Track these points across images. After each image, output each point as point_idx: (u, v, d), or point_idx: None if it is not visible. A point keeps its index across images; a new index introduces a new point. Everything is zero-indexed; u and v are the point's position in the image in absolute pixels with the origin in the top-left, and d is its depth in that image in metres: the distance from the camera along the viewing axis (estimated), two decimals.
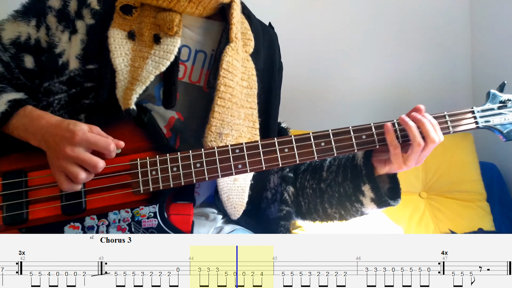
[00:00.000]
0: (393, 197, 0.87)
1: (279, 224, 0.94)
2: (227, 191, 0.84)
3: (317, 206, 0.94)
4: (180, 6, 0.82)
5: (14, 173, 0.75)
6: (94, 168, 0.69)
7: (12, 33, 0.83)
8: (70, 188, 0.71)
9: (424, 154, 0.78)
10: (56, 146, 0.70)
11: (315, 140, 0.78)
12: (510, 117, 0.82)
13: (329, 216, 0.94)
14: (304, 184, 0.95)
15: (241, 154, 0.76)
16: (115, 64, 0.79)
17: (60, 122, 0.72)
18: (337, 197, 0.90)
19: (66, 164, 0.69)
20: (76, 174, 0.69)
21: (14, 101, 0.76)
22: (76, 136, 0.69)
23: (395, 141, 0.78)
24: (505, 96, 0.83)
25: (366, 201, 0.87)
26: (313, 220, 0.98)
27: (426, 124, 0.77)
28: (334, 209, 0.92)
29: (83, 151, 0.69)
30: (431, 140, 0.76)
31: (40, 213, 0.74)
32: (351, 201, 0.88)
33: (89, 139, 0.70)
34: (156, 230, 0.74)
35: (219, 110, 0.82)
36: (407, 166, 0.79)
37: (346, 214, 0.92)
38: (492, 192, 1.63)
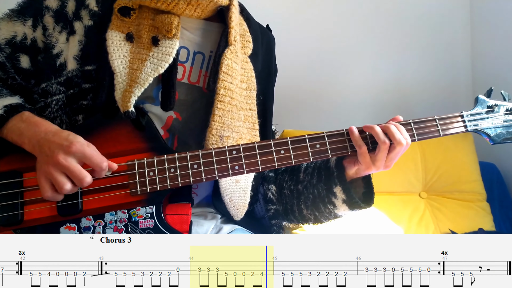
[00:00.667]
0: (367, 201, 0.88)
1: (271, 223, 0.95)
2: (229, 192, 0.85)
3: (293, 207, 0.95)
4: (178, 8, 0.82)
5: (9, 173, 0.75)
6: (81, 181, 0.69)
7: (7, 32, 0.83)
8: (52, 197, 0.70)
9: (391, 157, 0.81)
10: (49, 152, 0.69)
11: (310, 142, 0.80)
12: (497, 121, 0.87)
13: (304, 218, 0.95)
14: (283, 185, 0.97)
15: (238, 156, 0.77)
16: (114, 66, 0.79)
17: (60, 131, 0.72)
18: (312, 199, 0.91)
19: (54, 171, 0.68)
20: (63, 184, 0.68)
21: (10, 106, 0.75)
22: (73, 146, 0.69)
23: (359, 140, 0.80)
24: (492, 101, 0.89)
25: (338, 203, 0.88)
26: (289, 222, 0.99)
27: (391, 127, 0.80)
28: (310, 210, 0.93)
29: (75, 162, 0.69)
30: (397, 142, 0.79)
31: (35, 214, 0.74)
32: (324, 203, 0.90)
33: (85, 152, 0.69)
34: (153, 231, 0.74)
35: (219, 113, 0.82)
36: (376, 167, 0.82)
37: (320, 216, 0.93)
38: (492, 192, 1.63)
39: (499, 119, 0.87)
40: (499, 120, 0.87)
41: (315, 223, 0.97)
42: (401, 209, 1.53)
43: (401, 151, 0.80)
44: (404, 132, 0.81)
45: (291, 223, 1.01)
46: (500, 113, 0.88)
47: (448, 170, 1.60)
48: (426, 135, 0.84)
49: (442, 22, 1.85)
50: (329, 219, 0.94)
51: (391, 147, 0.80)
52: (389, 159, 0.81)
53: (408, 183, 1.59)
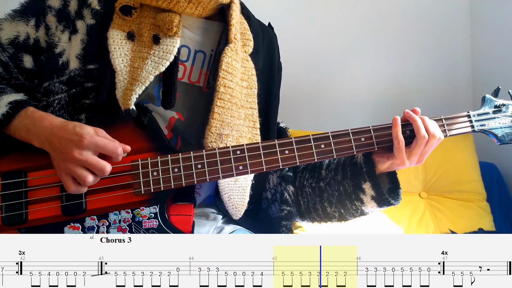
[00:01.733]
0: (394, 197, 0.87)
1: (281, 224, 0.93)
2: (228, 191, 0.84)
3: (316, 205, 0.94)
4: (179, 7, 0.82)
5: (14, 173, 0.75)
6: (101, 171, 0.70)
7: (10, 32, 0.83)
8: (78, 191, 0.71)
9: (426, 150, 0.80)
10: (62, 148, 0.70)
11: (315, 142, 0.79)
12: (504, 121, 0.86)
13: (329, 216, 0.94)
14: (303, 183, 0.95)
15: (242, 156, 0.77)
16: (115, 64, 0.79)
17: (65, 124, 0.72)
18: (337, 196, 0.90)
19: (73, 167, 0.69)
20: (85, 178, 0.69)
21: (15, 102, 0.76)
22: (84, 139, 0.69)
23: (400, 134, 0.80)
24: (499, 101, 0.87)
25: (366, 199, 0.87)
26: (312, 221, 0.98)
27: (426, 120, 0.80)
28: (334, 208, 0.92)
29: (91, 154, 0.70)
30: (431, 134, 0.79)
31: (39, 214, 0.74)
32: (351, 200, 0.88)
33: (98, 143, 0.70)
34: (156, 231, 0.74)
35: (218, 111, 0.82)
36: (410, 161, 0.81)
37: (346, 213, 0.92)
38: (492, 192, 1.63)
39: (506, 119, 0.86)
40: (507, 120, 0.86)
41: (339, 221, 0.95)
42: (401, 209, 1.53)
43: (434, 144, 0.80)
44: (436, 125, 0.81)
45: (313, 222, 0.99)
46: (508, 113, 0.86)
47: (448, 170, 1.60)
48: None
49: (442, 22, 1.85)
50: (355, 216, 0.93)
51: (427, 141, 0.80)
52: (423, 153, 0.81)
53: (408, 183, 1.59)
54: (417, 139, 0.79)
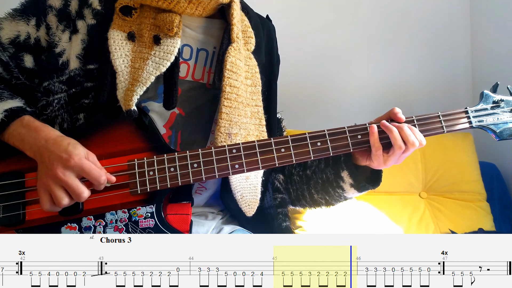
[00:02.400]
0: (375, 180, 0.89)
1: (277, 212, 0.96)
2: (241, 189, 0.85)
3: (304, 192, 0.97)
4: (180, 7, 0.82)
5: (11, 174, 0.75)
6: (78, 196, 0.69)
7: (11, 32, 0.82)
8: (50, 209, 0.71)
9: (404, 156, 0.81)
10: (49, 163, 0.69)
11: (311, 140, 0.79)
12: (503, 117, 0.85)
13: (316, 202, 0.97)
14: (292, 171, 0.98)
15: (238, 154, 0.77)
16: (115, 65, 0.79)
17: (61, 139, 0.72)
18: (321, 183, 0.93)
19: (53, 185, 0.69)
20: (60, 199, 0.69)
21: (10, 110, 0.75)
22: (72, 159, 0.69)
23: (378, 143, 0.80)
24: (497, 96, 0.86)
25: (346, 187, 0.90)
26: (302, 207, 1.01)
27: (404, 129, 0.79)
28: (320, 195, 0.95)
29: (73, 176, 0.69)
30: (411, 144, 0.79)
31: (37, 214, 0.74)
32: (333, 187, 0.91)
33: (83, 166, 0.69)
34: (153, 230, 0.74)
35: (226, 110, 0.82)
36: (386, 166, 0.82)
37: (331, 199, 0.95)
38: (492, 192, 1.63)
39: (505, 115, 0.85)
40: (505, 116, 0.85)
41: (327, 206, 0.98)
42: (401, 209, 1.53)
43: (412, 150, 0.80)
44: (418, 133, 0.80)
45: (303, 208, 1.03)
46: (506, 109, 0.85)
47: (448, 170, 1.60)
48: (429, 131, 0.82)
49: (442, 22, 1.85)
50: (340, 201, 0.95)
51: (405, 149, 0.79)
52: (401, 158, 0.81)
53: (408, 183, 1.59)
54: (394, 149, 0.79)
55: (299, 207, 1.03)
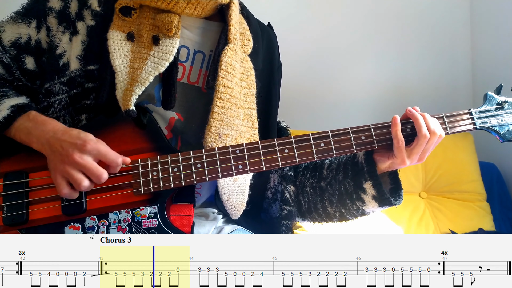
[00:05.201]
0: (396, 197, 0.87)
1: (281, 224, 0.93)
2: (227, 191, 0.84)
3: (317, 204, 0.93)
4: (178, 7, 0.82)
5: (15, 173, 0.75)
6: (98, 178, 0.70)
7: (12, 34, 0.83)
8: (70, 195, 0.71)
9: (427, 148, 0.80)
10: (63, 151, 0.70)
11: (315, 141, 0.79)
12: (507, 118, 0.84)
13: (329, 215, 0.94)
14: (304, 182, 0.95)
15: (241, 155, 0.77)
16: (115, 65, 0.80)
17: (69, 129, 0.73)
18: (338, 195, 0.90)
19: (71, 170, 0.69)
20: (80, 181, 0.69)
21: (17, 106, 0.76)
22: (88, 144, 0.70)
23: (400, 134, 0.79)
24: (501, 98, 0.85)
25: (367, 199, 0.87)
26: (313, 220, 0.98)
27: (428, 118, 0.79)
28: (335, 207, 0.92)
29: (91, 159, 0.70)
30: (433, 132, 0.78)
31: (40, 214, 0.75)
32: (352, 199, 0.88)
33: (100, 149, 0.71)
34: (156, 231, 0.74)
35: (218, 110, 0.82)
36: (411, 160, 0.80)
37: (347, 213, 0.91)
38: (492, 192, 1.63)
39: (509, 116, 0.84)
40: (509, 118, 0.84)
41: (340, 221, 0.95)
42: (401, 209, 1.52)
43: (435, 142, 0.79)
44: (437, 122, 0.80)
45: (313, 222, 0.99)
46: (510, 110, 0.84)
47: (448, 170, 1.60)
48: None
49: (442, 22, 1.85)
50: (356, 216, 0.92)
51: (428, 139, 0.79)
52: (424, 151, 0.80)
53: (408, 183, 1.59)
54: (419, 138, 0.78)
55: (308, 221, 0.99)
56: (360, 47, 1.84)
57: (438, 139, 0.80)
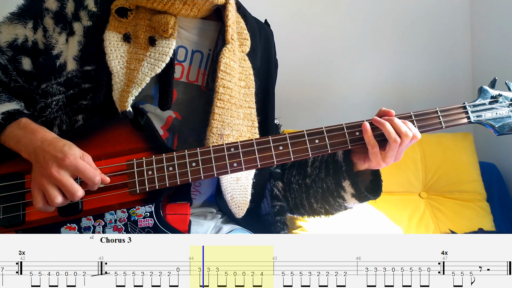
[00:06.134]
0: (375, 190, 0.88)
1: (275, 220, 0.95)
2: (231, 190, 0.85)
3: (303, 201, 0.95)
4: (174, 8, 0.82)
5: (11, 175, 0.75)
6: (72, 196, 0.69)
7: (8, 35, 0.83)
8: (44, 209, 0.71)
9: (401, 150, 0.80)
10: (43, 162, 0.69)
11: (309, 137, 0.79)
12: (501, 111, 0.84)
13: (315, 211, 0.96)
14: (291, 179, 0.97)
15: (236, 153, 0.77)
16: (111, 66, 0.80)
17: (56, 140, 0.72)
18: (321, 192, 0.92)
19: (47, 183, 0.69)
20: (54, 198, 0.69)
21: (8, 113, 0.76)
22: (67, 159, 0.69)
23: (372, 140, 0.79)
24: (496, 91, 0.85)
25: (347, 196, 0.88)
26: (301, 215, 1.00)
27: (395, 121, 0.79)
28: (320, 204, 0.93)
29: (67, 176, 0.69)
30: (404, 134, 0.78)
31: (36, 215, 0.75)
32: (334, 196, 0.90)
33: (78, 166, 0.69)
34: (152, 230, 0.75)
35: (219, 111, 0.82)
36: (386, 163, 0.81)
37: (331, 209, 0.93)
38: (492, 192, 1.63)
39: (503, 110, 0.84)
40: (504, 111, 0.84)
41: (326, 215, 0.97)
42: (401, 209, 1.53)
43: (408, 143, 0.79)
44: (410, 125, 0.79)
45: (302, 216, 1.01)
46: (504, 103, 0.84)
47: (448, 170, 1.60)
48: (427, 127, 0.81)
49: (442, 22, 1.85)
50: (340, 211, 0.94)
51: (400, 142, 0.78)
52: (399, 153, 0.80)
53: (408, 183, 1.59)
54: (390, 144, 0.78)
55: (297, 215, 1.01)
56: (360, 47, 1.84)
57: (413, 140, 0.79)
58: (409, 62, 1.86)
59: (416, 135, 0.79)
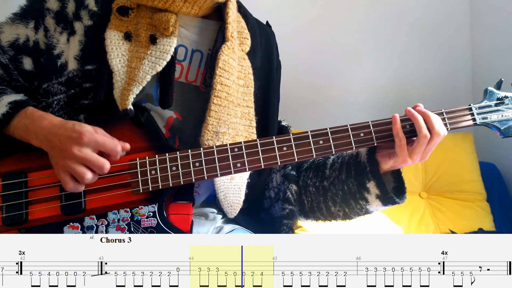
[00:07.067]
0: (399, 196, 0.87)
1: (282, 223, 0.93)
2: (224, 189, 0.85)
3: (320, 204, 0.93)
4: (175, 6, 0.82)
5: (14, 173, 0.76)
6: (100, 169, 0.70)
7: (10, 35, 0.83)
8: (75, 188, 0.71)
9: (429, 148, 0.79)
10: (61, 145, 0.70)
11: (314, 138, 0.79)
12: (508, 113, 0.83)
13: (333, 215, 0.94)
14: (307, 182, 0.95)
15: (240, 153, 0.77)
16: (112, 65, 0.80)
17: (64, 122, 0.73)
18: (341, 195, 0.90)
19: (72, 164, 0.69)
20: (83, 174, 0.69)
21: (15, 102, 0.76)
22: (84, 136, 0.69)
23: (401, 132, 0.78)
24: (502, 93, 0.84)
25: (371, 198, 0.86)
26: (316, 219, 0.98)
27: (431, 117, 0.78)
28: (338, 207, 0.91)
29: (90, 151, 0.70)
30: (436, 132, 0.77)
31: (39, 214, 0.75)
32: (356, 199, 0.88)
33: (97, 140, 0.70)
34: (155, 230, 0.74)
35: (215, 108, 0.82)
36: (412, 160, 0.80)
37: (350, 212, 0.91)
38: (492, 192, 1.63)
39: (509, 112, 0.83)
40: (510, 113, 0.83)
41: (344, 219, 0.94)
42: (401, 209, 1.52)
43: (437, 142, 0.78)
44: (440, 121, 0.78)
45: (317, 221, 0.98)
46: (510, 105, 0.83)
47: (448, 170, 1.60)
48: None
49: (442, 22, 1.85)
50: (360, 215, 0.92)
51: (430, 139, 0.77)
52: (427, 151, 0.79)
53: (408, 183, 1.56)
54: (419, 138, 0.77)
55: (312, 220, 0.98)
56: (360, 47, 1.84)
57: (441, 138, 0.78)
58: (409, 62, 1.86)
59: (445, 133, 0.78)
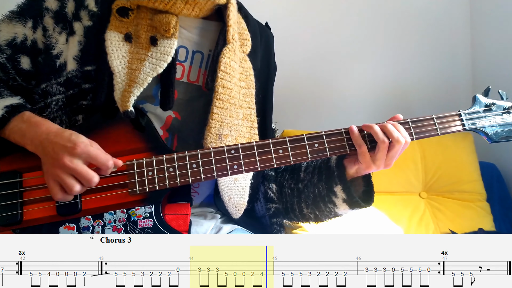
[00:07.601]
0: (366, 200, 0.88)
1: (271, 222, 0.95)
2: (228, 191, 0.85)
3: (294, 205, 0.95)
4: (176, 8, 0.82)
5: (9, 173, 0.75)
6: (89, 182, 0.69)
7: (8, 34, 0.83)
8: (63, 199, 0.71)
9: (391, 155, 0.80)
10: (54, 154, 0.69)
11: (309, 141, 0.80)
12: (495, 120, 0.87)
13: (305, 216, 0.95)
14: (283, 183, 0.97)
15: (236, 155, 0.77)
16: (113, 66, 0.80)
17: (62, 131, 0.72)
18: (312, 198, 0.91)
19: (62, 174, 0.69)
20: (72, 186, 0.69)
21: (11, 106, 0.76)
22: (78, 147, 0.69)
23: (359, 140, 0.80)
24: (489, 100, 0.89)
25: (338, 202, 0.88)
26: (290, 220, 1.00)
27: (388, 126, 0.79)
28: (310, 209, 0.93)
29: (81, 163, 0.69)
30: (395, 140, 0.78)
31: (35, 214, 0.75)
32: (325, 202, 0.90)
33: (90, 153, 0.70)
34: (152, 230, 0.75)
35: (217, 111, 0.82)
36: (376, 166, 0.81)
37: (321, 215, 0.93)
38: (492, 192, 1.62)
39: (496, 118, 0.87)
40: (497, 119, 0.87)
41: (315, 222, 0.97)
42: (401, 209, 1.52)
43: (400, 149, 0.80)
44: (403, 130, 0.80)
45: (291, 221, 1.01)
46: (497, 112, 0.88)
47: (448, 170, 1.59)
48: (424, 133, 0.83)
49: (442, 22, 1.85)
50: (329, 217, 0.94)
51: (390, 146, 0.79)
52: (389, 157, 0.80)
53: (408, 183, 1.59)
54: (378, 145, 0.79)
55: (288, 220, 1.01)
56: (360, 47, 1.84)
57: (405, 146, 0.80)
58: (409, 62, 1.86)
59: (406, 139, 0.80)
